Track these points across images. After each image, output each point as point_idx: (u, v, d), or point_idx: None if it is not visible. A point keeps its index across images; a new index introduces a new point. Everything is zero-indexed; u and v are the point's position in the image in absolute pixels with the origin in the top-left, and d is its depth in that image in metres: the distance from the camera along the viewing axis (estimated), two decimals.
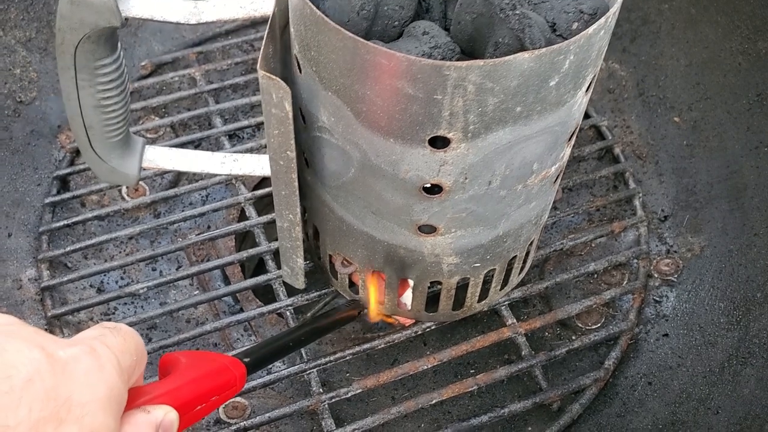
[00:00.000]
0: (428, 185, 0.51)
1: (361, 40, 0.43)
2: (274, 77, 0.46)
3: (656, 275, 0.75)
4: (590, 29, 0.44)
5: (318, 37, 0.45)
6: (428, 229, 0.56)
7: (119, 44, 0.57)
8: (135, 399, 0.35)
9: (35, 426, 0.28)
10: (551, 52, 0.43)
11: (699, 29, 0.81)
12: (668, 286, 0.74)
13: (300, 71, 0.51)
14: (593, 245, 0.79)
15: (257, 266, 0.93)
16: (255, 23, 0.96)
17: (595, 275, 0.76)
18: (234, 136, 0.87)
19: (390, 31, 0.49)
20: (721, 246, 0.73)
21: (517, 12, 0.42)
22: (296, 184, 0.54)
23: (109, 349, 0.33)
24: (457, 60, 0.47)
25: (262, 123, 0.87)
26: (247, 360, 0.44)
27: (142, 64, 0.91)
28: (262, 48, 0.48)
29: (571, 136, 0.54)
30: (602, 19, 0.45)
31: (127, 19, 0.53)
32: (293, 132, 0.50)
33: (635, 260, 0.76)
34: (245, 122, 0.85)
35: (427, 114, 0.45)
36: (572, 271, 0.74)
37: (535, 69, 0.43)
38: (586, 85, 0.49)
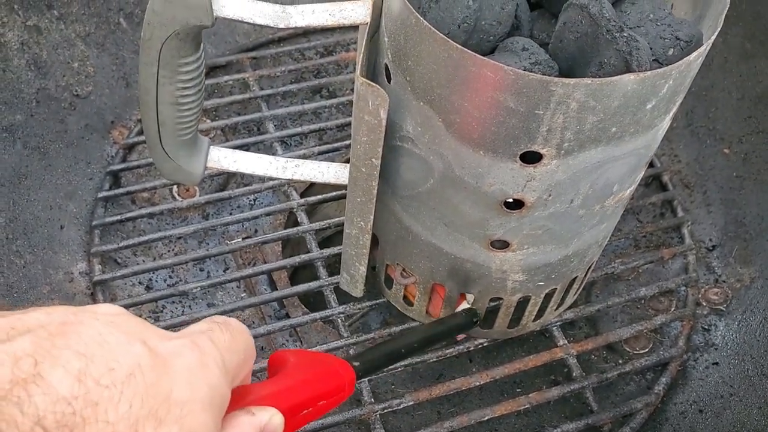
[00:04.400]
0: (510, 200, 0.52)
1: (469, 51, 0.43)
2: (373, 84, 0.46)
3: (705, 303, 0.75)
4: (691, 56, 0.44)
5: (419, 46, 0.46)
6: (500, 245, 0.56)
7: (202, 44, 0.57)
8: (240, 399, 0.33)
9: (135, 424, 0.26)
10: (655, 76, 0.43)
11: (753, 63, 0.82)
12: (717, 315, 0.74)
13: (389, 80, 0.51)
14: (640, 271, 0.79)
15: (292, 273, 0.92)
16: (307, 33, 0.97)
17: (643, 301, 0.76)
18: (283, 143, 0.88)
19: (484, 46, 0.49)
20: None
21: (625, 34, 0.43)
22: (375, 191, 0.55)
23: (215, 346, 0.31)
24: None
25: (312, 131, 0.88)
26: (356, 364, 0.41)
27: None
28: (360, 55, 0.49)
29: (649, 160, 0.55)
30: (702, 48, 0.45)
31: (217, 18, 0.54)
32: (383, 140, 0.50)
33: (683, 287, 0.76)
34: (298, 129, 0.86)
35: (524, 128, 0.45)
36: (623, 295, 0.74)
37: (637, 91, 0.44)
38: (674, 110, 0.50)
